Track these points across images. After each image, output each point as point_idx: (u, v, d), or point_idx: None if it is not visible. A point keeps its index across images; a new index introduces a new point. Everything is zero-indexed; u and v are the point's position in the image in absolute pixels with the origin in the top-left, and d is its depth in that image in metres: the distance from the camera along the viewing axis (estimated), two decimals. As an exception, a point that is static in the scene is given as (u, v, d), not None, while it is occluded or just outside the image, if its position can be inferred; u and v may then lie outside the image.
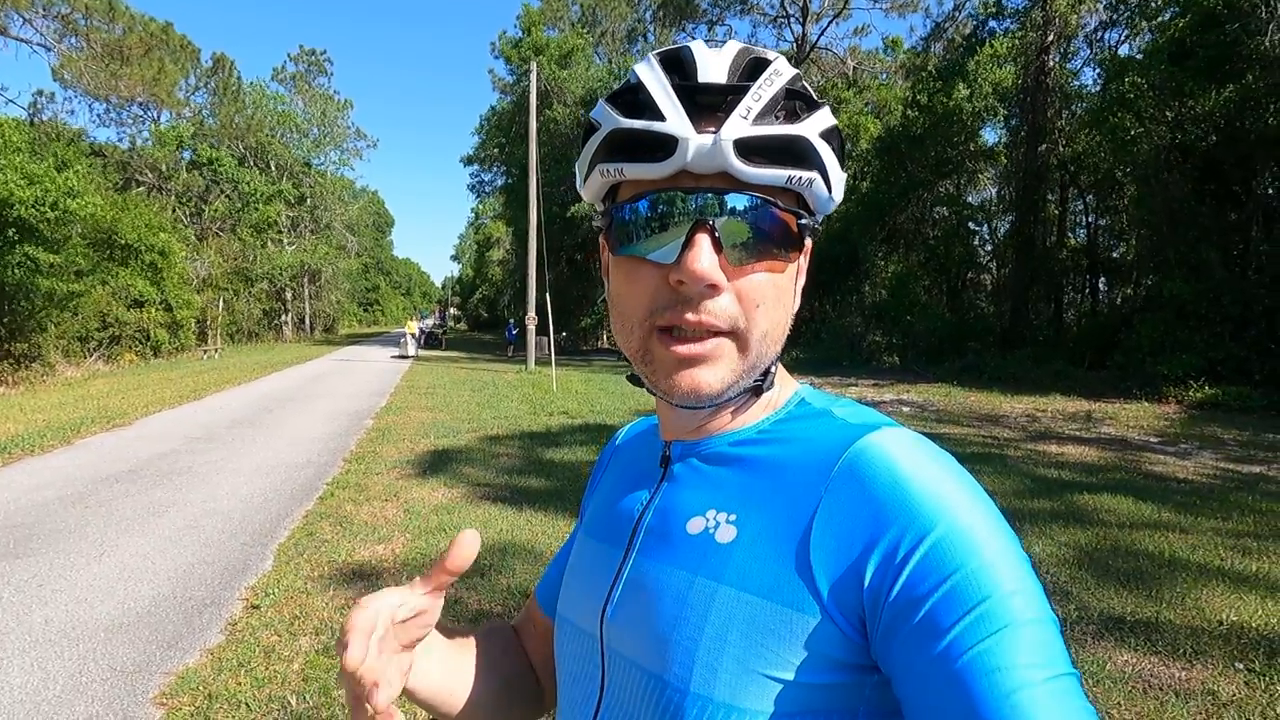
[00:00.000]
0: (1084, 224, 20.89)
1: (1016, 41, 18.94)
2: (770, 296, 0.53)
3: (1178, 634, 3.25)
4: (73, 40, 21.90)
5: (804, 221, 0.53)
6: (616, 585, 0.58)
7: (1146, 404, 11.49)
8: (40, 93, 28.23)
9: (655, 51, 0.54)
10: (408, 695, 0.60)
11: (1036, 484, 6.12)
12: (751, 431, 0.58)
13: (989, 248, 23.10)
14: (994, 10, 20.04)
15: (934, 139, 20.98)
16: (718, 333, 0.51)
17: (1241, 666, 2.96)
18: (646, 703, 0.52)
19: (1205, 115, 13.50)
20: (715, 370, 0.52)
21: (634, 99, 0.52)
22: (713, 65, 0.51)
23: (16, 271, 13.62)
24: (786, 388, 0.61)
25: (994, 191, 22.82)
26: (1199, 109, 13.54)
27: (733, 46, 0.53)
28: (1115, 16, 18.29)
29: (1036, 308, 20.13)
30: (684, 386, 0.52)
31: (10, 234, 13.39)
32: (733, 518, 0.53)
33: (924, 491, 0.47)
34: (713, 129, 0.49)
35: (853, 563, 0.47)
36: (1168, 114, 14.28)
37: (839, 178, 0.54)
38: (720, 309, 0.51)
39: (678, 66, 0.52)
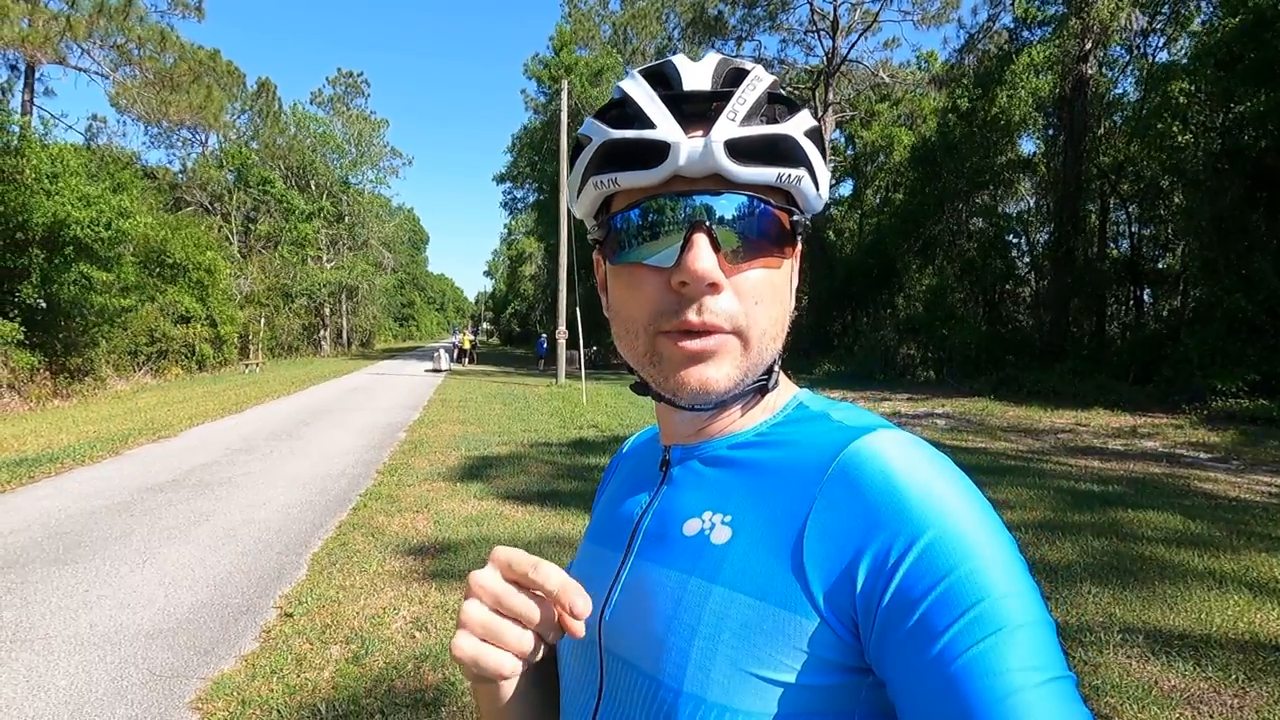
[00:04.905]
0: (1126, 234, 20.30)
1: (1054, 50, 18.60)
2: (768, 294, 0.53)
3: (1229, 659, 3.11)
4: (127, 69, 22.92)
5: (796, 218, 0.54)
6: (614, 588, 0.58)
7: (1195, 419, 11.06)
8: (95, 117, 29.57)
9: (638, 68, 0.55)
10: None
11: (1077, 498, 5.92)
12: (749, 434, 0.58)
13: (1027, 259, 22.59)
14: (1030, 17, 19.73)
15: (971, 148, 20.67)
16: (724, 330, 0.52)
17: (1299, 694, 2.81)
18: (642, 704, 0.52)
19: (1255, 120, 13.06)
20: (721, 367, 0.53)
21: (622, 112, 0.54)
22: (695, 75, 0.53)
23: (72, 289, 14.22)
24: (785, 391, 0.61)
25: (1032, 202, 22.35)
26: (1248, 114, 13.11)
27: (713, 58, 0.55)
28: (1152, 24, 17.87)
29: (1078, 320, 19.59)
30: (692, 384, 0.53)
31: (67, 253, 14.00)
32: (728, 519, 0.53)
33: (917, 493, 0.46)
34: (701, 133, 0.50)
35: (846, 566, 0.46)
36: (1216, 120, 13.86)
37: (825, 176, 0.55)
38: (722, 308, 0.51)
39: (661, 79, 0.54)
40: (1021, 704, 0.39)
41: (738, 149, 0.50)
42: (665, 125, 0.50)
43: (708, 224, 0.50)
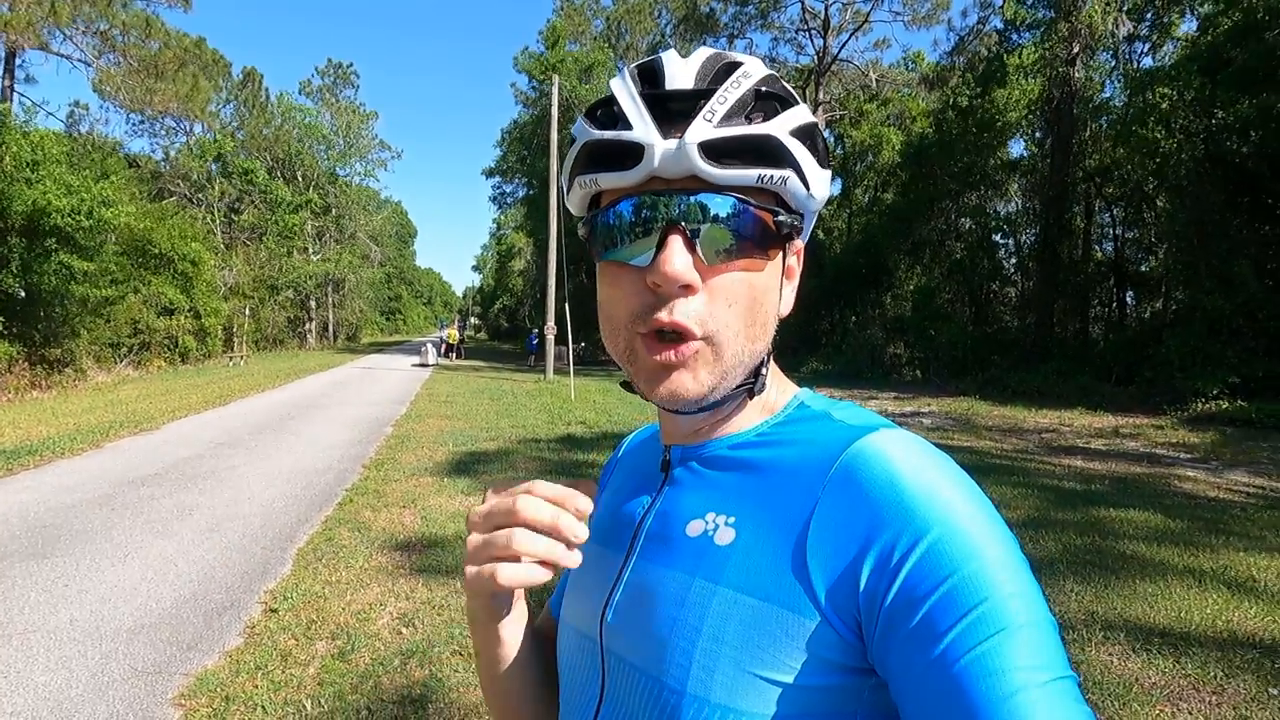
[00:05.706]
0: (1111, 236, 20.55)
1: (1043, 54, 18.77)
2: (744, 295, 0.52)
3: (1208, 656, 3.16)
4: (111, 56, 22.57)
5: (781, 219, 0.52)
6: (616, 588, 0.58)
7: (1176, 420, 11.22)
8: (77, 104, 29.11)
9: (633, 64, 0.55)
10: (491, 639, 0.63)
11: (1059, 497, 5.99)
12: (751, 435, 0.58)
13: (1014, 260, 22.81)
14: (1020, 20, 19.87)
15: (964, 147, 20.81)
16: (694, 335, 0.51)
17: (1276, 693, 2.86)
18: (645, 704, 0.52)
19: (1238, 126, 13.24)
20: (692, 376, 0.52)
21: (608, 111, 0.53)
22: (680, 72, 0.52)
23: (52, 279, 13.99)
24: (786, 391, 0.61)
25: (1019, 204, 22.56)
26: (1230, 119, 13.29)
27: (703, 53, 0.54)
28: (1138, 29, 18.06)
29: (1062, 321, 19.81)
30: (663, 392, 0.53)
31: (48, 243, 13.78)
32: (731, 520, 0.53)
33: (920, 493, 0.46)
34: (680, 134, 0.49)
35: (848, 565, 0.46)
36: (1199, 125, 14.04)
37: (817, 174, 0.53)
38: (692, 310, 0.51)
39: (650, 76, 0.53)
40: (1024, 704, 0.39)
41: (714, 150, 0.49)
42: (641, 126, 0.50)
43: (683, 225, 0.50)
